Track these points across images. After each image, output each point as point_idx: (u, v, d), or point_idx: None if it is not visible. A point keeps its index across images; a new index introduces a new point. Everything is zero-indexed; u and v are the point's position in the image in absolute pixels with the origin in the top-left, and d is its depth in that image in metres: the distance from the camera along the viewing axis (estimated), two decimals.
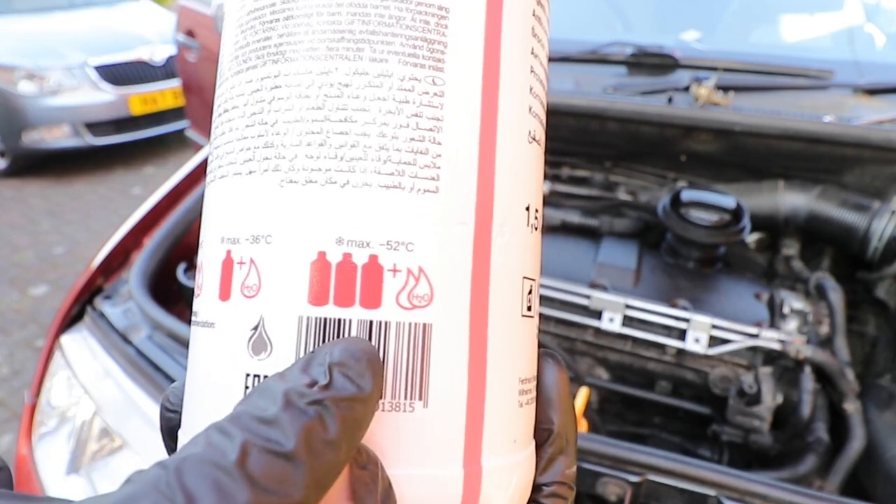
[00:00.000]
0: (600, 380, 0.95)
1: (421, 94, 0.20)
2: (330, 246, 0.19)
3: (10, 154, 3.70)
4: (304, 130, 0.20)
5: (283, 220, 0.20)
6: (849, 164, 1.08)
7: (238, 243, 0.20)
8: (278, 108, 0.20)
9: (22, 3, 4.29)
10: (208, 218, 0.22)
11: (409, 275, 0.19)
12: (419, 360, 0.19)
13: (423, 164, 0.20)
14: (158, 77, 3.85)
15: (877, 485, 0.81)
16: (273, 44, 0.21)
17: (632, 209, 1.17)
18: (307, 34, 0.21)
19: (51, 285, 2.66)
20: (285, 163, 0.20)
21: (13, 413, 1.96)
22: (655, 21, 1.65)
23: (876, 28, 1.48)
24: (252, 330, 0.20)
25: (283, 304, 0.19)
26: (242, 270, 0.20)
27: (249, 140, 0.21)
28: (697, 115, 1.08)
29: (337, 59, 0.20)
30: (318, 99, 0.20)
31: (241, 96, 0.21)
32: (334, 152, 0.20)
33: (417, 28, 0.21)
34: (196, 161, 1.17)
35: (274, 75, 0.21)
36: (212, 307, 0.21)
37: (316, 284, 0.19)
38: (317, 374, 0.17)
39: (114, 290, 0.97)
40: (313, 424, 0.16)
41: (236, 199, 0.21)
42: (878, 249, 1.01)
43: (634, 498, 0.64)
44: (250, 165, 0.21)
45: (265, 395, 0.16)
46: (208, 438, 0.15)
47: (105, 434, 0.80)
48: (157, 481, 0.14)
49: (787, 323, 0.95)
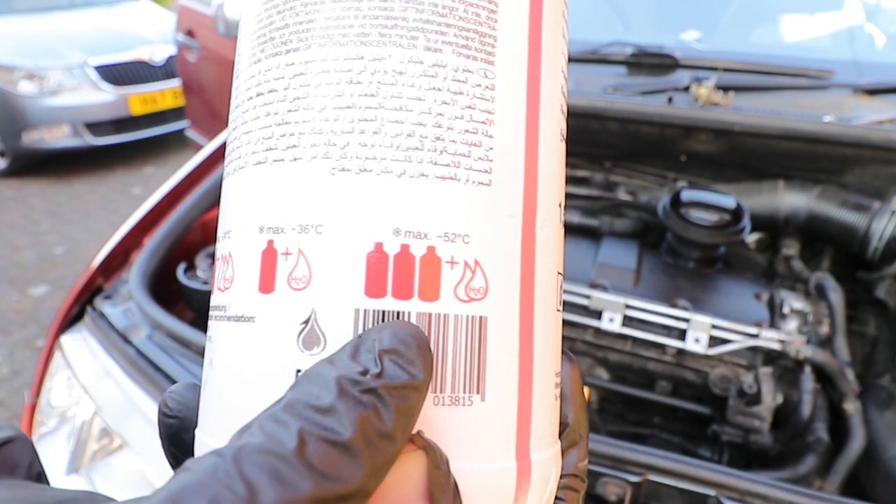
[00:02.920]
0: (600, 380, 0.95)
1: (474, 87, 0.20)
2: (387, 237, 0.19)
3: (10, 154, 3.70)
4: (356, 117, 0.19)
5: (337, 209, 0.19)
6: (849, 164, 1.08)
7: (282, 233, 0.19)
8: (327, 93, 0.20)
9: (22, 3, 4.29)
10: (238, 207, 0.21)
11: (466, 267, 0.19)
12: (477, 354, 0.19)
13: (476, 157, 0.20)
14: (158, 77, 3.86)
15: (877, 485, 0.81)
16: (319, 26, 0.20)
17: (632, 209, 1.17)
18: (357, 18, 0.20)
19: (51, 285, 2.66)
20: (336, 150, 0.19)
21: (13, 413, 1.96)
22: (655, 21, 1.65)
23: (876, 28, 1.48)
24: (303, 324, 0.19)
25: (339, 297, 0.19)
26: (289, 261, 0.19)
27: (293, 125, 0.20)
28: (697, 115, 1.08)
29: (391, 46, 0.20)
30: (372, 86, 0.19)
31: (281, 80, 0.20)
32: (389, 141, 0.19)
33: (470, 20, 0.21)
34: (196, 161, 1.17)
35: (321, 59, 0.20)
36: (249, 300, 0.20)
37: (373, 276, 0.19)
38: (367, 361, 0.17)
39: (114, 290, 0.97)
40: (369, 414, 0.16)
41: (278, 187, 0.20)
42: (878, 249, 1.01)
43: (634, 498, 0.64)
44: (294, 152, 0.20)
45: (317, 382, 0.16)
46: (263, 427, 0.15)
47: (105, 434, 0.80)
48: (216, 470, 0.14)
49: (787, 323, 0.95)
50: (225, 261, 0.21)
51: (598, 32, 1.49)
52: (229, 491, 0.14)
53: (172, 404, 0.23)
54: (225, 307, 0.21)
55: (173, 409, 0.23)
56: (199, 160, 1.17)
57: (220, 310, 0.21)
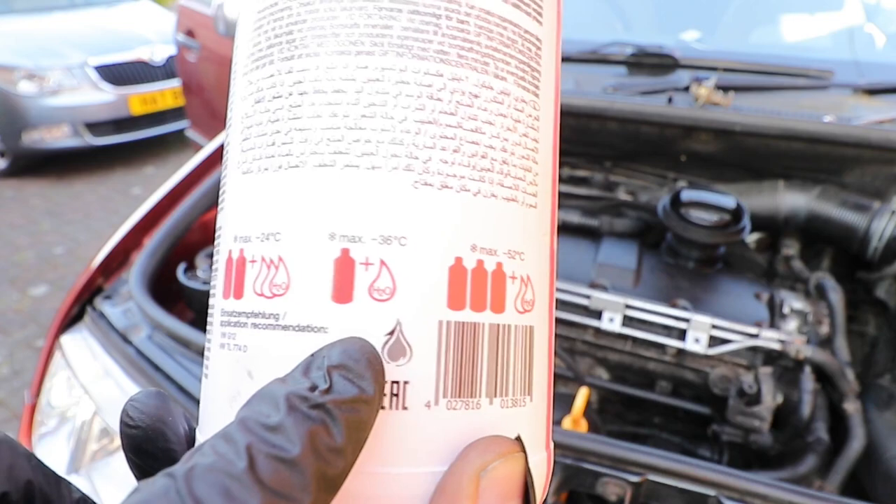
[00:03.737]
0: (600, 380, 0.95)
1: (527, 116, 0.22)
2: (466, 252, 0.20)
3: (10, 154, 3.70)
4: (437, 133, 0.20)
5: (421, 222, 0.19)
6: (849, 164, 1.08)
7: (361, 242, 0.19)
8: (407, 104, 0.20)
9: (22, 3, 4.29)
10: (294, 209, 0.20)
11: (522, 282, 0.21)
12: (528, 360, 0.21)
13: (528, 181, 0.22)
14: (158, 77, 3.86)
15: (877, 485, 0.81)
16: (396, 35, 0.20)
17: (632, 209, 1.17)
18: (437, 35, 0.20)
19: (51, 285, 2.66)
20: (419, 164, 0.19)
21: (13, 413, 1.96)
22: (655, 21, 1.65)
23: (876, 28, 1.48)
24: (388, 335, 0.19)
25: (424, 309, 0.19)
26: (370, 272, 0.19)
27: (368, 132, 0.19)
28: (697, 115, 1.08)
29: (467, 69, 0.20)
30: (451, 104, 0.20)
31: (351, 81, 0.20)
32: (467, 160, 0.20)
33: (525, 53, 0.22)
34: (196, 161, 1.17)
35: (400, 69, 0.20)
36: (317, 310, 0.19)
37: (455, 289, 0.20)
38: (316, 377, 0.17)
39: (114, 290, 0.97)
40: (317, 429, 0.16)
41: (354, 194, 0.19)
42: (878, 249, 1.02)
43: (634, 498, 0.64)
44: (372, 160, 0.19)
45: (267, 401, 0.16)
46: (214, 446, 0.15)
47: (105, 434, 0.80)
48: (167, 491, 0.14)
49: (787, 323, 0.95)
50: (270, 265, 0.20)
51: (598, 32, 1.49)
52: None
53: (135, 414, 0.22)
54: (276, 315, 0.20)
55: (136, 419, 0.22)
56: (199, 160, 1.17)
57: (264, 317, 0.20)
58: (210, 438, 0.16)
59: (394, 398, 0.19)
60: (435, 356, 0.19)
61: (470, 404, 0.20)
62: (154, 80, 3.85)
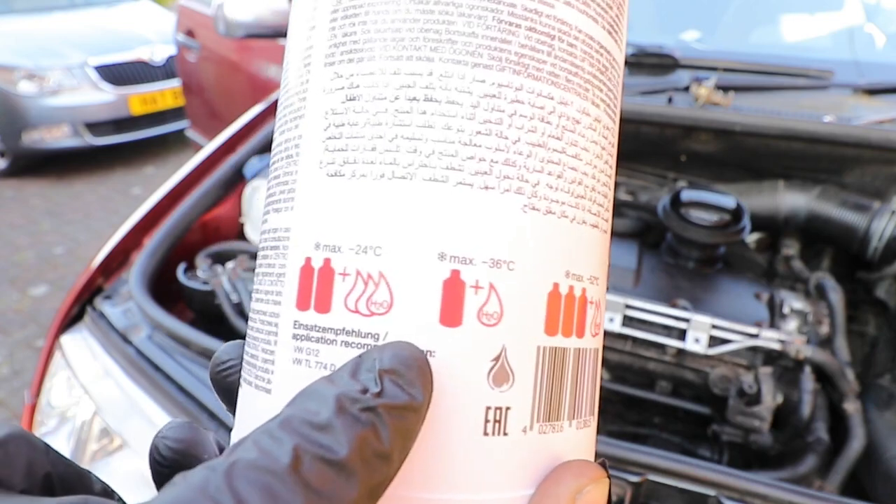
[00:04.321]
0: (600, 380, 0.95)
1: (609, 144, 0.22)
2: (562, 278, 0.20)
3: (10, 154, 3.70)
4: (546, 157, 0.20)
5: (528, 247, 0.19)
6: (849, 164, 1.08)
7: (471, 264, 0.19)
8: (521, 125, 0.19)
9: (22, 3, 4.29)
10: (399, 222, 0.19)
11: (597, 307, 0.22)
12: (595, 380, 0.22)
13: (605, 208, 0.22)
14: (158, 77, 3.86)
15: (877, 485, 0.81)
16: (514, 51, 0.19)
17: (632, 209, 1.17)
18: (549, 56, 0.20)
19: (51, 285, 2.66)
20: (528, 187, 0.19)
21: (13, 413, 1.96)
22: (655, 21, 1.65)
23: (876, 28, 1.48)
24: (493, 361, 0.19)
25: (526, 334, 0.19)
26: (480, 296, 0.19)
27: (483, 150, 0.19)
28: (697, 115, 1.08)
29: (573, 93, 0.20)
30: (558, 129, 0.20)
31: (469, 94, 0.19)
32: (567, 186, 0.20)
33: (613, 81, 0.22)
34: (196, 161, 1.17)
35: (516, 87, 0.19)
36: (426, 332, 0.18)
37: (551, 315, 0.20)
38: (367, 380, 0.16)
39: (114, 290, 0.97)
40: (367, 433, 0.15)
41: (467, 215, 0.19)
42: (878, 249, 1.02)
43: (634, 498, 0.64)
44: (486, 180, 0.19)
45: (316, 399, 0.16)
46: (258, 443, 0.15)
47: (105, 434, 0.80)
48: (206, 484, 0.14)
49: (787, 323, 0.95)
50: (368, 280, 0.19)
51: None
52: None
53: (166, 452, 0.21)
54: (376, 335, 0.19)
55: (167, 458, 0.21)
56: (198, 160, 1.17)
57: (360, 336, 0.19)
58: (254, 433, 0.15)
59: (496, 424, 0.19)
60: (532, 382, 0.19)
61: (555, 427, 0.20)
62: (154, 80, 3.85)
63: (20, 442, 0.18)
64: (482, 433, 0.18)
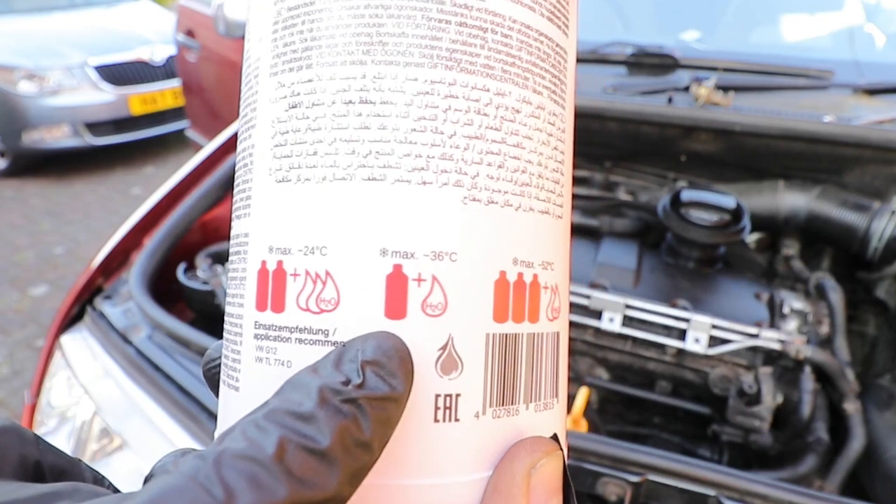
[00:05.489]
0: (600, 380, 0.95)
1: (558, 130, 0.22)
2: (508, 266, 0.20)
3: (10, 154, 3.70)
4: (484, 149, 0.20)
5: (470, 238, 0.20)
6: (849, 164, 1.08)
7: (413, 258, 0.19)
8: (456, 119, 0.20)
9: (22, 3, 4.29)
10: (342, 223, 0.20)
11: (552, 291, 0.22)
12: (556, 364, 0.22)
13: (558, 193, 0.22)
14: (158, 77, 3.86)
15: (877, 485, 0.81)
16: (445, 47, 0.20)
17: (632, 209, 1.17)
18: (483, 48, 0.20)
19: (51, 285, 2.66)
20: (468, 179, 0.20)
21: (13, 413, 1.96)
22: (655, 21, 1.65)
23: (876, 28, 1.48)
24: (440, 350, 0.19)
25: (473, 323, 0.20)
26: (423, 288, 0.19)
27: (419, 147, 0.19)
28: (697, 115, 1.08)
29: (510, 84, 0.21)
30: (496, 119, 0.20)
31: (402, 94, 0.20)
32: (510, 175, 0.20)
33: (557, 67, 0.22)
34: (196, 161, 1.17)
35: (449, 82, 0.20)
36: (372, 326, 0.19)
37: (500, 302, 0.20)
38: (349, 371, 0.17)
39: (114, 290, 0.97)
40: (348, 424, 0.16)
41: (405, 210, 0.19)
42: (878, 249, 1.02)
43: (634, 498, 0.64)
44: (423, 175, 0.19)
45: (300, 390, 0.16)
46: (245, 433, 0.15)
47: (105, 434, 0.80)
48: (196, 473, 0.14)
49: (787, 323, 0.95)
50: (316, 280, 0.20)
51: (598, 32, 1.49)
52: (208, 494, 0.14)
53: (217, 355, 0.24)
54: (325, 331, 0.19)
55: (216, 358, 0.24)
56: (198, 160, 1.17)
57: (311, 332, 0.20)
58: (241, 423, 0.16)
59: (446, 411, 0.19)
60: (483, 368, 0.20)
61: (511, 411, 0.20)
62: (154, 80, 3.85)
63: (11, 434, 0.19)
64: (433, 419, 0.19)
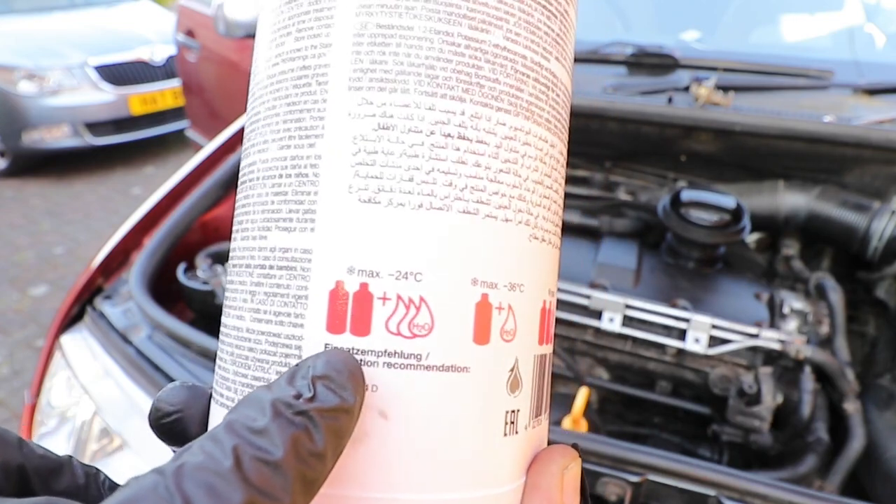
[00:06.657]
0: (600, 380, 0.95)
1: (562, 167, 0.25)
2: (547, 296, 0.23)
3: (10, 154, 3.70)
4: (542, 193, 0.23)
5: (532, 272, 0.22)
6: (849, 164, 1.08)
7: (496, 288, 0.21)
8: (529, 165, 0.22)
9: (22, 3, 4.29)
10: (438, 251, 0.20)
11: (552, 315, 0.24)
12: (546, 383, 0.24)
13: (559, 226, 0.25)
14: (158, 77, 3.86)
15: (877, 485, 0.81)
16: (525, 98, 0.22)
17: (632, 209, 1.17)
18: (546, 104, 0.23)
19: (51, 285, 2.66)
20: (533, 219, 0.22)
21: (13, 413, 1.96)
22: (655, 21, 1.65)
23: (876, 28, 1.48)
24: (510, 371, 0.22)
25: (529, 346, 0.22)
26: (502, 315, 0.21)
27: (504, 186, 0.21)
28: (697, 115, 1.08)
29: (558, 136, 0.24)
30: (549, 167, 0.23)
31: (493, 136, 0.21)
32: (552, 216, 0.23)
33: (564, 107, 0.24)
34: (196, 161, 1.17)
35: (526, 131, 0.22)
36: (461, 351, 0.20)
37: (542, 328, 0.23)
38: (301, 386, 0.18)
39: (114, 290, 0.97)
40: (300, 435, 0.17)
41: (493, 244, 0.21)
42: (878, 249, 1.02)
43: (634, 498, 0.64)
44: (506, 213, 0.21)
45: (254, 406, 0.17)
46: (203, 447, 0.16)
47: (105, 434, 0.80)
48: (156, 486, 0.15)
49: (787, 323, 0.95)
50: (410, 305, 0.20)
51: (598, 32, 1.49)
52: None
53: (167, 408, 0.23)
54: (418, 355, 0.20)
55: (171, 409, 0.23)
56: (198, 160, 1.17)
57: (403, 357, 0.20)
58: (199, 439, 0.17)
59: (510, 425, 0.21)
60: (531, 386, 0.22)
61: (538, 422, 0.23)
62: (154, 80, 3.85)
63: None
64: (503, 434, 0.21)
